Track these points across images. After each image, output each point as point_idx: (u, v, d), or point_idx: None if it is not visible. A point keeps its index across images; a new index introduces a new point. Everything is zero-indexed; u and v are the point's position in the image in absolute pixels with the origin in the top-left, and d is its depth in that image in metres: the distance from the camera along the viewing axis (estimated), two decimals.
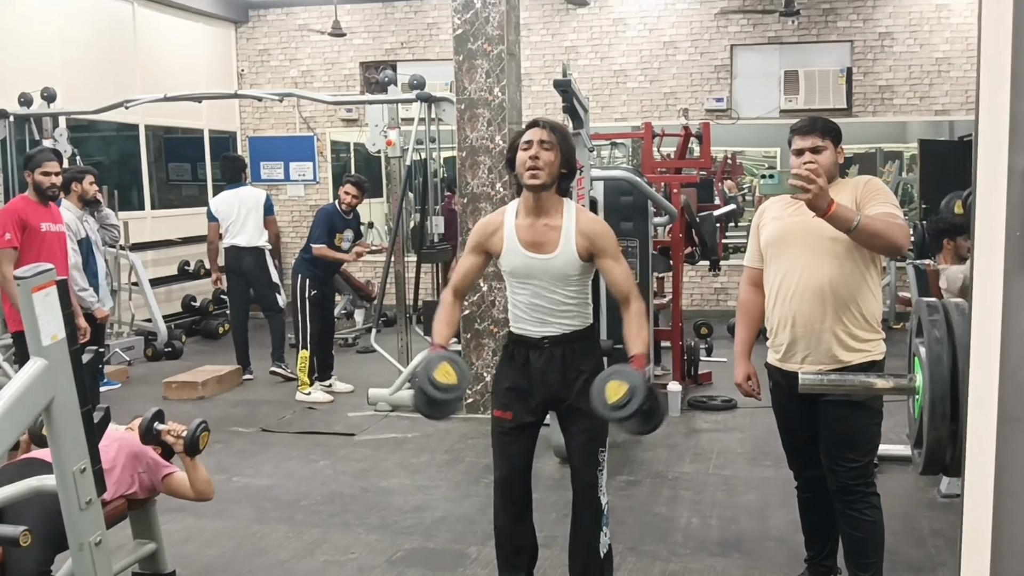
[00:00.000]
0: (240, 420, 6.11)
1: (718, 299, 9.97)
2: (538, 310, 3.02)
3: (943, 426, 1.53)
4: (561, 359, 3.01)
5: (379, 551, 3.91)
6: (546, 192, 2.97)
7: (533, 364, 3.03)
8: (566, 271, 2.97)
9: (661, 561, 3.74)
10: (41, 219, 5.09)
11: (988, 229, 1.22)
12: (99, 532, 2.53)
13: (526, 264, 2.99)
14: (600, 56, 10.06)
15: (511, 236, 3.01)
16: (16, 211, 5.05)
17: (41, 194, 5.12)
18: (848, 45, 9.55)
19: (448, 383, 2.82)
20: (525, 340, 3.05)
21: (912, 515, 4.12)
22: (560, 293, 3.00)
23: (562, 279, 2.98)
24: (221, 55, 10.81)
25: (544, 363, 3.02)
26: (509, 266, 3.03)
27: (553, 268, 2.97)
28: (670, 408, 5.97)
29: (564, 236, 2.96)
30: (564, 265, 2.97)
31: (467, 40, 5.84)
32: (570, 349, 3.02)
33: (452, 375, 2.82)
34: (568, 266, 2.97)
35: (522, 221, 3.01)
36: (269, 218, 7.20)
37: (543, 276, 2.98)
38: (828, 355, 2.99)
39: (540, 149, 2.93)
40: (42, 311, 2.31)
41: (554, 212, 3.00)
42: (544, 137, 2.95)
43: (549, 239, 2.97)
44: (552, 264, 2.97)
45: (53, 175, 5.12)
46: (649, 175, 6.34)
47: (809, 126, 3.04)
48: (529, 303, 3.02)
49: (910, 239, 3.18)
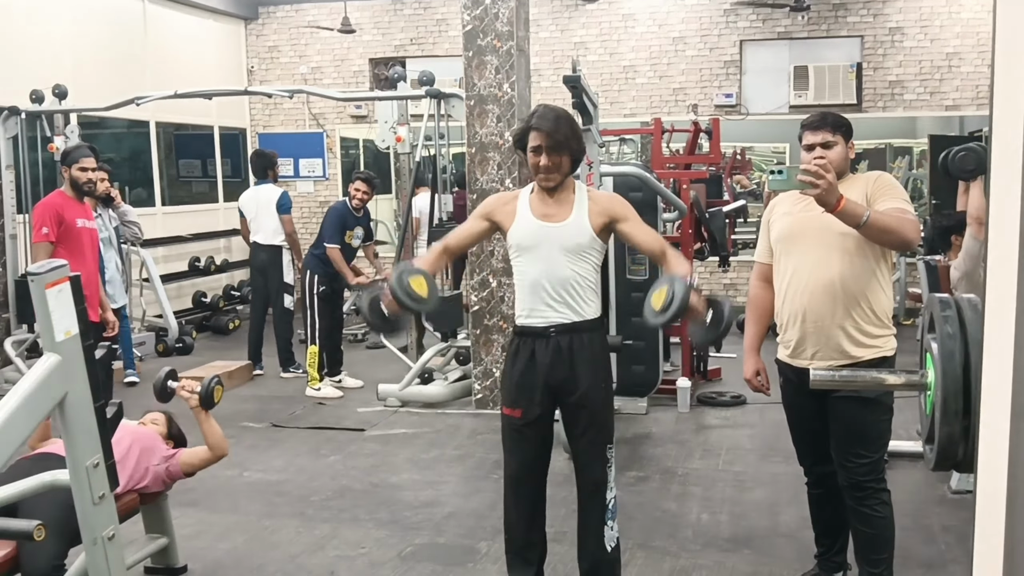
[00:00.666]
0: (251, 415, 6.13)
1: (727, 294, 9.96)
2: (544, 291, 2.96)
3: (955, 422, 1.53)
4: (568, 349, 2.97)
5: (389, 546, 3.92)
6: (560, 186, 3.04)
7: (539, 357, 2.99)
8: (579, 240, 2.96)
9: (671, 557, 3.74)
10: (76, 215, 5.15)
11: (1002, 224, 1.21)
12: (112, 526, 2.55)
13: (539, 232, 2.97)
14: (609, 52, 10.04)
15: (524, 207, 3.04)
16: (54, 206, 5.11)
17: (77, 189, 5.18)
18: (858, 40, 9.51)
19: (419, 294, 2.79)
20: (531, 331, 3.01)
21: (922, 511, 4.11)
22: (571, 268, 2.95)
23: (574, 249, 2.95)
24: (231, 52, 10.83)
25: (552, 355, 2.97)
26: (519, 236, 3.00)
27: (566, 235, 2.96)
28: (680, 404, 5.97)
29: (577, 205, 3.00)
30: (575, 233, 2.96)
31: (476, 36, 5.84)
32: (577, 340, 2.98)
33: (424, 287, 2.80)
34: (580, 234, 2.96)
35: (536, 196, 3.06)
36: (283, 217, 7.18)
37: (555, 245, 2.96)
38: (838, 351, 2.99)
39: (549, 157, 2.95)
40: (55, 307, 2.32)
41: (567, 190, 3.05)
42: (550, 142, 2.94)
43: (561, 210, 3.00)
44: (564, 231, 2.96)
45: (90, 171, 5.20)
46: (658, 171, 6.34)
47: (820, 121, 3.04)
48: (537, 280, 2.97)
49: (920, 234, 3.18)
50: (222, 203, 10.61)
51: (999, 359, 1.24)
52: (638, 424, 5.70)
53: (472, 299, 6.07)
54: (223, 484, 4.78)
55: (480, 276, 5.99)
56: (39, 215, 5.10)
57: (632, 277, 5.72)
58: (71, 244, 5.04)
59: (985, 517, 1.26)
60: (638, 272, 5.74)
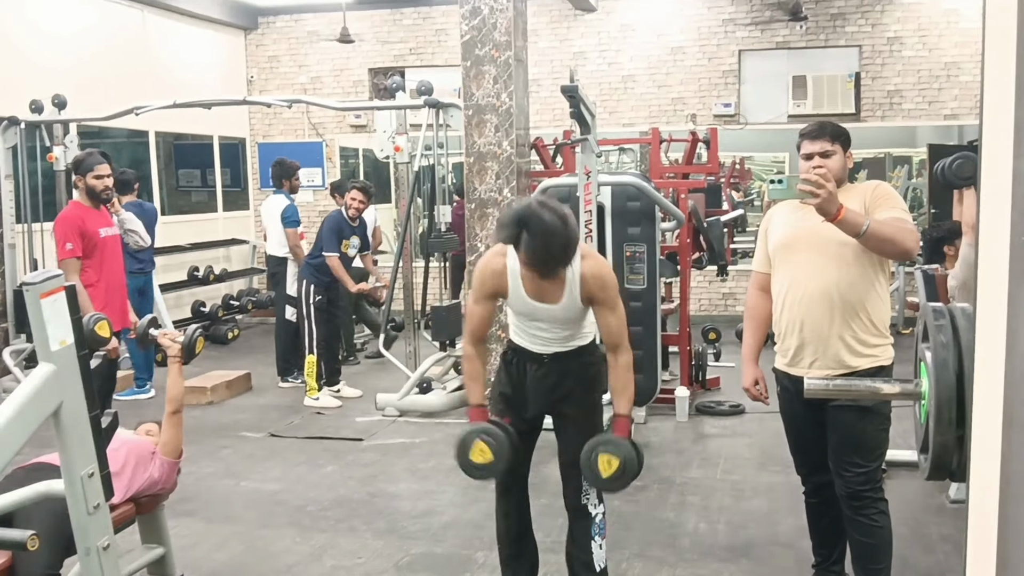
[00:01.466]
0: (249, 425, 6.12)
1: (726, 304, 9.95)
2: (540, 338, 3.08)
3: (949, 431, 1.52)
4: (558, 371, 3.07)
5: (386, 556, 3.91)
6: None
7: (530, 374, 3.08)
8: (570, 316, 3.03)
9: (668, 566, 3.73)
10: (98, 225, 4.98)
11: (993, 233, 1.21)
12: (107, 536, 2.53)
13: (532, 310, 3.02)
14: (608, 61, 10.07)
15: (516, 285, 2.98)
16: (74, 219, 4.90)
17: (94, 198, 4.99)
18: (856, 50, 9.54)
19: (484, 462, 2.86)
20: (525, 352, 3.11)
21: (921, 521, 4.10)
22: (564, 330, 3.06)
23: (565, 320, 3.03)
24: (231, 62, 10.86)
25: (542, 375, 3.08)
26: (514, 307, 3.07)
27: (557, 314, 3.01)
28: (678, 413, 5.96)
29: (568, 287, 2.96)
30: (568, 312, 3.01)
31: (475, 46, 5.85)
32: (568, 364, 3.08)
33: (488, 453, 2.86)
34: (572, 312, 3.02)
35: (526, 273, 2.92)
36: (287, 231, 7.13)
37: (548, 319, 3.03)
38: (836, 360, 2.99)
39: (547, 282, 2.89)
40: (51, 316, 2.32)
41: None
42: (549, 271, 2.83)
43: (554, 292, 2.96)
44: (556, 312, 3.00)
45: (106, 177, 5.01)
46: (657, 180, 6.34)
47: (818, 130, 3.04)
48: (531, 333, 3.08)
49: (919, 244, 3.18)
50: (221, 212, 10.63)
51: (990, 368, 1.24)
52: (636, 433, 5.65)
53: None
54: (220, 494, 4.77)
55: None
56: (61, 231, 4.89)
57: (630, 287, 5.72)
58: (97, 254, 4.89)
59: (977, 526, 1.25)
60: (636, 282, 5.74)
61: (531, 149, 6.69)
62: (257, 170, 11.14)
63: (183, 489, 3.98)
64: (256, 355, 8.56)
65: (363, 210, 6.86)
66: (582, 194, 5.16)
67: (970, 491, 1.27)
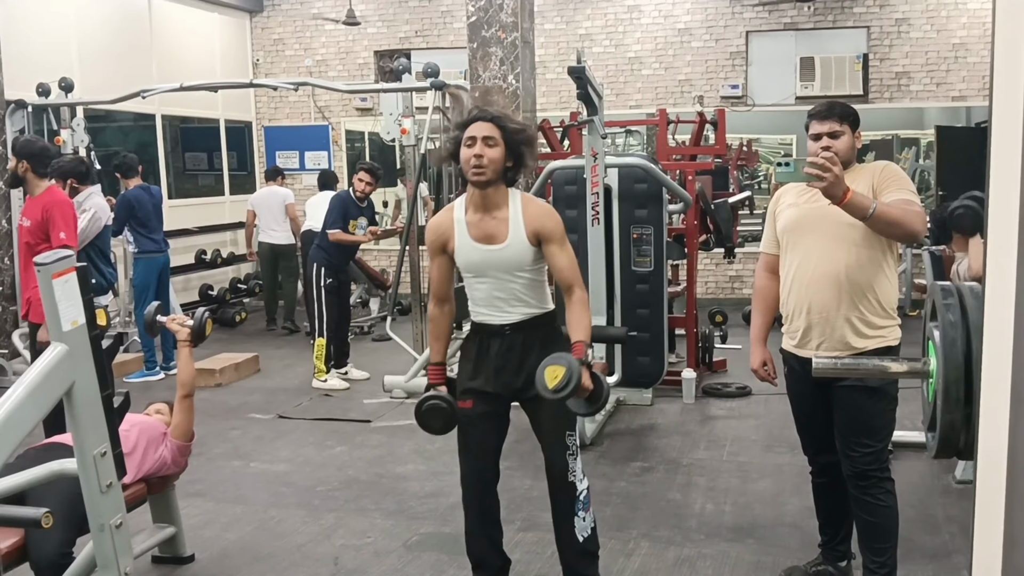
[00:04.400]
0: (257, 407, 6.16)
1: (733, 287, 9.95)
2: (496, 300, 3.03)
3: (957, 410, 1.53)
4: (521, 346, 3.02)
5: (395, 535, 3.94)
6: (492, 187, 2.95)
7: (493, 351, 3.04)
8: (519, 259, 2.98)
9: (675, 546, 3.75)
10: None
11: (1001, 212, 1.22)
12: (119, 515, 2.56)
13: (479, 257, 2.99)
14: (615, 43, 10.03)
15: (462, 232, 3.01)
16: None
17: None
18: (864, 31, 9.48)
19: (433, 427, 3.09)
20: (486, 328, 3.07)
21: (927, 501, 4.12)
22: (516, 282, 3.00)
23: (516, 267, 2.98)
24: (236, 45, 10.84)
25: (505, 351, 3.03)
26: (463, 261, 3.04)
27: (506, 258, 2.97)
28: (685, 395, 5.98)
29: (513, 225, 2.96)
30: (516, 254, 2.97)
31: (481, 28, 5.84)
32: (531, 336, 3.03)
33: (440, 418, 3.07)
34: (520, 254, 2.97)
35: (471, 217, 3.00)
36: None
37: (497, 267, 2.98)
38: (843, 341, 2.99)
39: (484, 146, 2.89)
40: (62, 297, 2.34)
41: (502, 204, 2.99)
42: (487, 132, 2.90)
43: (499, 231, 2.96)
44: (504, 254, 2.97)
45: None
46: (664, 162, 6.33)
47: (827, 111, 3.04)
48: (487, 295, 3.04)
49: (926, 226, 3.18)
50: (228, 196, 10.63)
51: (999, 346, 1.24)
52: (643, 415, 5.71)
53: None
54: (230, 475, 4.80)
55: None
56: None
57: (637, 269, 5.72)
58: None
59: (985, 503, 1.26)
60: (643, 264, 5.74)
61: (538, 131, 6.67)
62: (263, 153, 11.14)
63: (193, 470, 4.01)
64: (264, 337, 8.60)
65: (370, 192, 6.86)
66: (589, 176, 5.16)
67: (977, 468, 1.28)
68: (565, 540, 3.10)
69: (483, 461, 3.12)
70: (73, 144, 7.46)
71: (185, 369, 3.58)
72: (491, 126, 2.91)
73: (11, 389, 2.30)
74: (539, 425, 3.10)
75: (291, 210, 8.96)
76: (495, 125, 2.91)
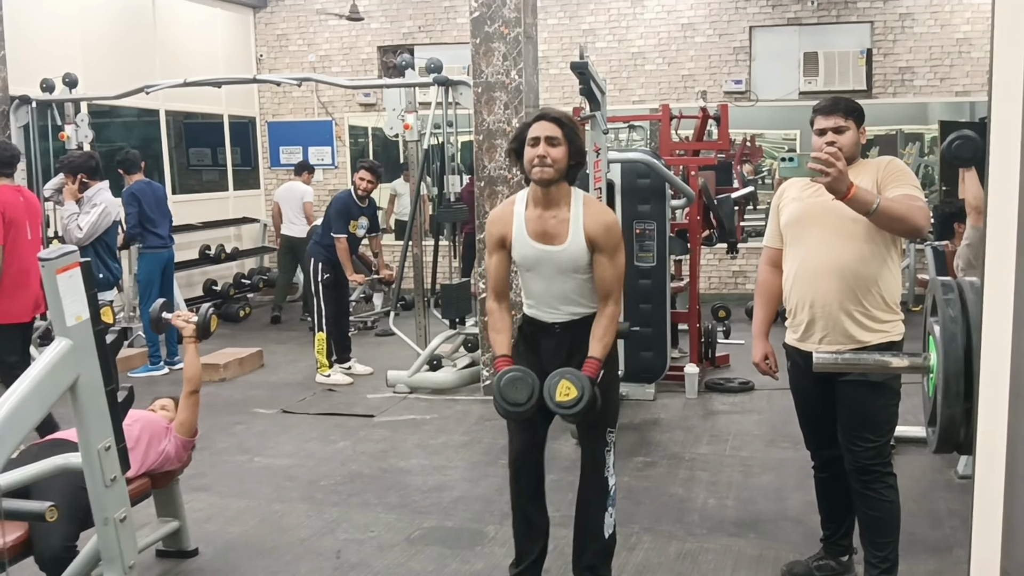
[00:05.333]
0: (261, 402, 6.17)
1: (736, 282, 9.95)
2: (548, 297, 3.06)
3: (957, 404, 1.53)
4: (570, 342, 3.06)
5: (398, 529, 3.95)
6: (555, 185, 2.98)
7: (544, 347, 3.09)
8: (575, 262, 3.00)
9: (677, 541, 3.76)
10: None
11: (1001, 208, 1.22)
12: (124, 508, 2.58)
13: (536, 255, 3.02)
14: (618, 38, 10.02)
15: (520, 228, 3.03)
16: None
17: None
18: (868, 26, 9.46)
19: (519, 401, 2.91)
20: (537, 323, 3.11)
21: (929, 496, 4.12)
22: (569, 283, 3.03)
23: (571, 270, 3.01)
24: (240, 40, 10.84)
25: (554, 346, 3.08)
26: (520, 257, 3.06)
27: (562, 260, 3.00)
28: (687, 390, 5.99)
29: (573, 228, 2.98)
30: (573, 257, 2.99)
31: (484, 23, 5.83)
32: (580, 333, 3.05)
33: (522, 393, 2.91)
34: (577, 258, 2.99)
35: (531, 213, 3.03)
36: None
37: (552, 267, 3.01)
38: (846, 336, 3.00)
39: (547, 146, 2.92)
40: (66, 292, 2.35)
41: (563, 204, 3.01)
42: (551, 132, 2.93)
43: (559, 231, 2.99)
44: (561, 257, 2.99)
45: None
46: (667, 157, 6.33)
47: (832, 106, 3.04)
48: (539, 292, 3.07)
49: (930, 221, 3.17)
50: (232, 191, 10.65)
51: (997, 341, 1.25)
52: (646, 410, 5.72)
53: (480, 287, 6.08)
54: (234, 469, 4.82)
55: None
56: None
57: (640, 264, 5.73)
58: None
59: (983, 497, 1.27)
60: (646, 259, 5.75)
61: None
62: (267, 149, 11.15)
63: (197, 464, 4.03)
64: (268, 333, 8.62)
65: (371, 190, 6.87)
66: (592, 171, 5.16)
67: (977, 462, 1.29)
68: (591, 534, 3.13)
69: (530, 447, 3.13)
70: (77, 140, 7.47)
71: (191, 365, 3.59)
72: (554, 126, 2.94)
73: (16, 384, 2.31)
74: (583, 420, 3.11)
75: (307, 208, 9.05)
76: (557, 125, 2.94)
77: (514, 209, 3.07)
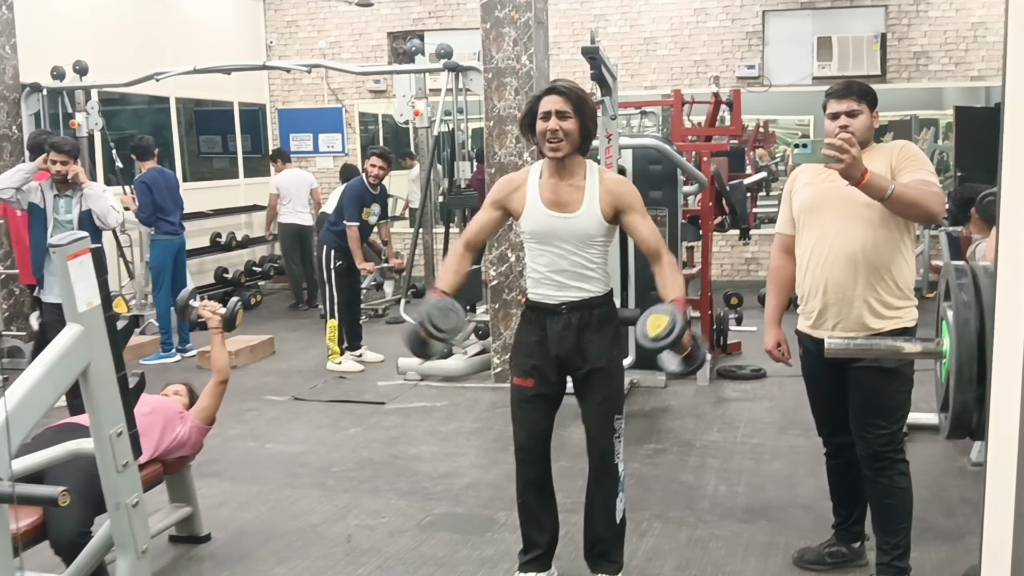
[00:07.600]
0: (273, 389, 6.20)
1: (748, 269, 9.91)
2: (558, 274, 3.01)
3: (969, 390, 1.52)
4: (578, 326, 3.02)
5: (409, 515, 3.97)
6: (569, 158, 2.98)
7: (550, 331, 3.04)
8: (589, 231, 2.97)
9: (688, 527, 3.76)
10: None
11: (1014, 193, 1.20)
12: (136, 494, 2.59)
13: (549, 224, 2.98)
14: (629, 23, 9.96)
15: (534, 195, 3.01)
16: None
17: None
18: (882, 10, 9.37)
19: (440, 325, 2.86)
20: (542, 306, 3.06)
21: (941, 483, 4.10)
22: (581, 255, 2.99)
23: (584, 239, 2.98)
24: (250, 27, 10.83)
25: (561, 329, 3.03)
26: (531, 225, 3.02)
27: (576, 227, 2.97)
28: (699, 377, 5.97)
29: (588, 195, 2.97)
30: (587, 224, 2.97)
31: (494, 8, 5.80)
32: (587, 315, 3.02)
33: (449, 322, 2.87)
34: (591, 225, 2.97)
35: (546, 181, 3.02)
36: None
37: (566, 236, 2.98)
38: (859, 322, 2.97)
39: (559, 121, 2.92)
40: (77, 278, 2.35)
41: (578, 173, 3.01)
42: (561, 107, 2.92)
43: (573, 198, 2.98)
44: (575, 223, 2.97)
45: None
46: (679, 143, 6.30)
47: (845, 90, 3.01)
48: (549, 266, 3.02)
49: (945, 207, 3.15)
50: (242, 179, 10.66)
51: (1011, 326, 1.23)
52: (657, 397, 5.71)
53: (491, 274, 6.08)
54: (246, 455, 4.84)
55: (498, 251, 5.99)
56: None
57: None
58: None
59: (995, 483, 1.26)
60: None
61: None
62: (277, 136, 11.15)
63: (209, 450, 4.04)
64: (279, 320, 8.65)
65: (383, 177, 6.86)
66: (603, 157, 5.14)
67: (989, 448, 1.27)
68: (603, 520, 3.13)
69: (537, 436, 3.12)
70: (88, 127, 7.49)
71: (219, 356, 3.61)
72: (564, 99, 2.94)
73: (28, 370, 2.32)
74: (589, 406, 3.10)
75: (316, 194, 9.14)
76: (567, 98, 2.94)
77: (528, 177, 3.07)
